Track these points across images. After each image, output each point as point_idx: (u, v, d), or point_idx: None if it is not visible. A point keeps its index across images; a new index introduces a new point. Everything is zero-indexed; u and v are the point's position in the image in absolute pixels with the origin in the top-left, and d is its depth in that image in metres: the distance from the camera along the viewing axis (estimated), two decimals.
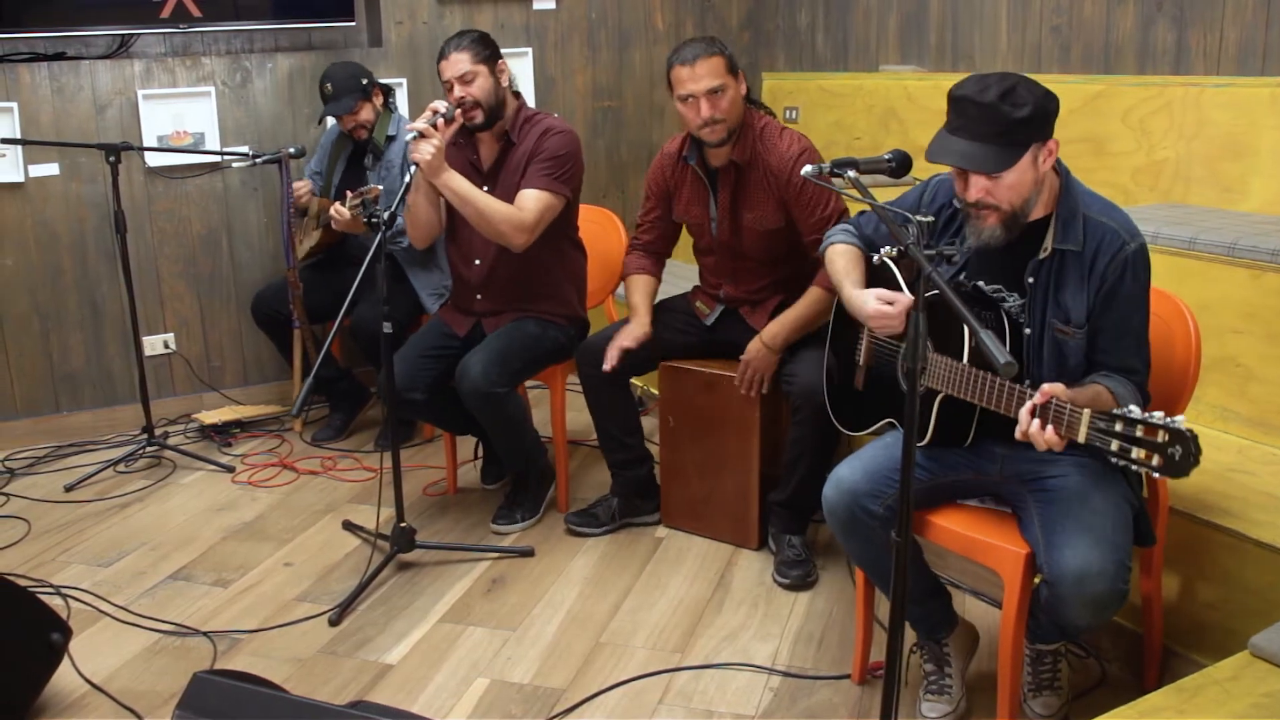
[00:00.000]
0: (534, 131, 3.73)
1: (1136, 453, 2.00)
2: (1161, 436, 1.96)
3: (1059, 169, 2.51)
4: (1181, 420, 1.94)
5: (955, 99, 2.41)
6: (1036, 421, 2.21)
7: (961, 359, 2.45)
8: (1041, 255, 2.49)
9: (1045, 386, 2.22)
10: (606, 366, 3.59)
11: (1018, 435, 2.25)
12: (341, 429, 4.86)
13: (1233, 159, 3.81)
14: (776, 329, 3.47)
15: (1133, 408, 2.03)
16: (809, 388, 3.29)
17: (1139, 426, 2.00)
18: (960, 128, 2.39)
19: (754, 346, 3.50)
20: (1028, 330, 2.52)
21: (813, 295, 3.45)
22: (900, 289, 2.67)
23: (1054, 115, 2.41)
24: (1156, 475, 1.99)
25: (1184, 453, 1.94)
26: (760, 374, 3.50)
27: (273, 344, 4.91)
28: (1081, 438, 2.12)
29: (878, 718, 2.35)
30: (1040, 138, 2.39)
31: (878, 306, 2.62)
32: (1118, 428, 2.03)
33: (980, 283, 2.60)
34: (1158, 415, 1.98)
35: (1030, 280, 2.52)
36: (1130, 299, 2.44)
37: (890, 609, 2.23)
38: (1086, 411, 2.11)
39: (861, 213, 2.98)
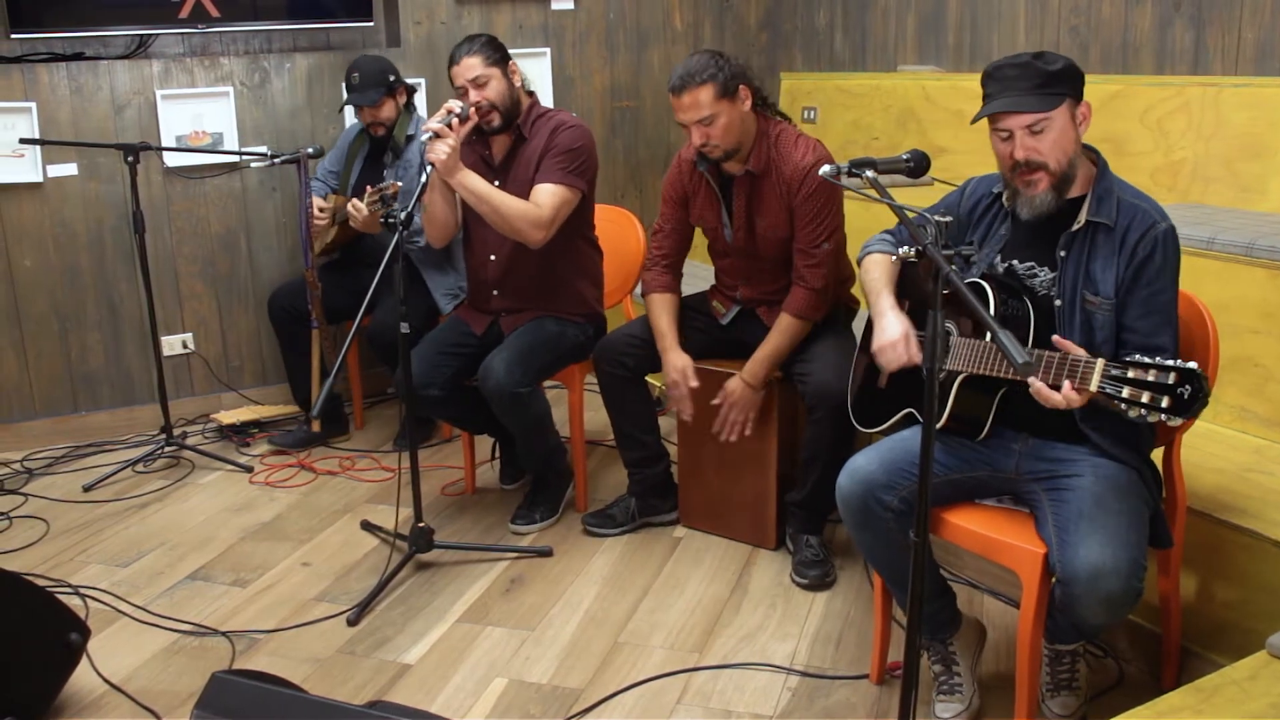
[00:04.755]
0: (546, 127, 3.74)
1: (1147, 396, 2.10)
2: (1172, 378, 2.08)
3: (1096, 160, 2.58)
4: (1193, 364, 2.05)
5: (990, 72, 2.53)
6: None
7: (984, 337, 2.50)
8: (1075, 227, 2.54)
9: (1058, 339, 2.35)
10: (685, 417, 3.62)
11: (1035, 387, 2.33)
12: (305, 442, 4.76)
13: (1251, 159, 3.80)
14: (757, 367, 3.47)
15: (1141, 355, 2.16)
16: (824, 387, 3.29)
17: (1150, 370, 2.11)
18: (998, 91, 2.51)
19: (735, 385, 3.50)
20: (1058, 302, 2.55)
21: (784, 324, 3.45)
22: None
23: (1081, 80, 2.52)
24: (1165, 418, 2.09)
25: (1193, 391, 2.06)
26: (744, 414, 3.51)
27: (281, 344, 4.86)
28: (1093, 386, 2.23)
29: (896, 718, 2.35)
30: (1074, 94, 2.49)
31: (897, 340, 2.68)
32: (1129, 374, 2.15)
33: (1014, 262, 2.63)
34: (1169, 360, 2.10)
35: (1062, 253, 2.56)
36: (1159, 275, 2.47)
37: (909, 608, 2.23)
38: (1100, 361, 2.21)
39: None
